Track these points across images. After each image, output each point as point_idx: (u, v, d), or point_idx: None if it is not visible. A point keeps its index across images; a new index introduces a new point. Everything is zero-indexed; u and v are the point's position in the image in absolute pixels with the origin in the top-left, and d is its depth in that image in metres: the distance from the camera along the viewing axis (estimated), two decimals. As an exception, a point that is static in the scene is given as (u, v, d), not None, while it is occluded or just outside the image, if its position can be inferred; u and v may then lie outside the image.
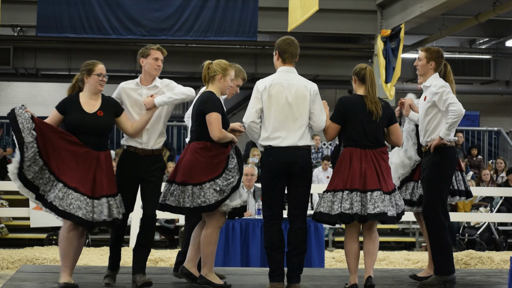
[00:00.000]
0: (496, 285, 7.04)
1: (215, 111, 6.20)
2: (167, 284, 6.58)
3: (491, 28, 18.78)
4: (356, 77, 6.45)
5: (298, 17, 13.13)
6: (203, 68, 6.43)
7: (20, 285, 6.38)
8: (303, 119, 6.19)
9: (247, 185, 10.17)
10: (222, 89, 6.41)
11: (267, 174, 6.20)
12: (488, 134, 18.12)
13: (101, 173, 6.24)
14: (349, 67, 18.72)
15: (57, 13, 15.01)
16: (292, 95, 6.18)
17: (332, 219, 6.22)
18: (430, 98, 6.61)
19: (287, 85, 6.21)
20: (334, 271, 8.10)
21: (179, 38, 15.78)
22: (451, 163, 6.64)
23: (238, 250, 9.06)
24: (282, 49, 6.35)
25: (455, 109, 6.46)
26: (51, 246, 12.64)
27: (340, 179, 6.23)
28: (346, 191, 6.17)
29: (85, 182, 6.13)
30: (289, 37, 6.47)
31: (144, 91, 6.50)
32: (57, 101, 6.62)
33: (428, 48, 6.81)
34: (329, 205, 6.21)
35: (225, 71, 6.40)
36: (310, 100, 6.22)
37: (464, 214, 13.88)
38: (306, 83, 6.29)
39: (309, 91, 6.23)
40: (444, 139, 6.52)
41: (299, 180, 6.18)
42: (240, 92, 24.45)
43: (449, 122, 6.49)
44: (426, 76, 6.74)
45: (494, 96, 22.69)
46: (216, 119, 6.19)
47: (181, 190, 6.22)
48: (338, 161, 6.31)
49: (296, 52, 6.36)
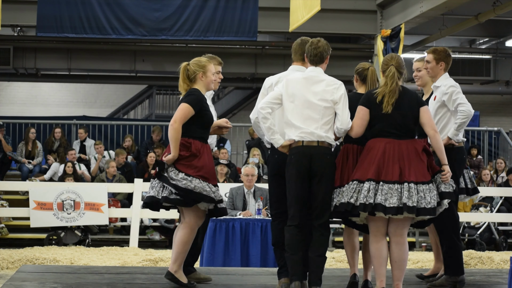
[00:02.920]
0: (496, 285, 7.04)
1: (187, 102, 6.17)
2: (167, 284, 6.57)
3: (491, 28, 18.78)
4: (357, 76, 6.42)
5: (300, 17, 13.14)
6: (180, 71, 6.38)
7: (20, 285, 6.38)
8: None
9: (247, 185, 10.16)
10: (206, 85, 6.40)
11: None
12: (488, 134, 18.12)
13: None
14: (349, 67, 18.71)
15: (57, 13, 15.01)
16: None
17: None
18: (439, 98, 6.61)
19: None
20: (334, 271, 8.10)
21: (179, 38, 15.78)
22: (459, 163, 6.63)
23: (238, 250, 9.06)
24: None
25: (464, 110, 6.47)
26: (51, 246, 12.65)
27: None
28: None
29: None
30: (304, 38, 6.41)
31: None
32: (57, 101, 6.61)
33: (435, 49, 6.80)
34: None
35: (204, 68, 6.38)
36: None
37: (464, 214, 13.88)
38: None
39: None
40: (452, 139, 6.52)
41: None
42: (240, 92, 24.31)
43: (458, 123, 6.49)
44: (437, 77, 6.74)
45: (494, 96, 22.69)
46: (182, 109, 6.15)
47: (161, 184, 6.19)
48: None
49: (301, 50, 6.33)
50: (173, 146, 6.13)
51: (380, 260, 5.96)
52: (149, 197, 6.28)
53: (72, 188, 13.03)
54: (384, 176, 5.87)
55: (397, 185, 5.84)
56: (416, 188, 5.86)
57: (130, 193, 13.51)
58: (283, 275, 6.16)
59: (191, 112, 6.16)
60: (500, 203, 14.29)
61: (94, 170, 15.23)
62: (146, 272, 7.39)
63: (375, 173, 5.88)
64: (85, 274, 7.02)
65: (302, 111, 5.95)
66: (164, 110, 22.76)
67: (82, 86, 22.74)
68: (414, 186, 5.85)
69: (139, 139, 17.31)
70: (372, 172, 5.88)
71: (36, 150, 15.77)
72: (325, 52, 6.12)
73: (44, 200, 12.82)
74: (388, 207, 5.80)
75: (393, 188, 5.84)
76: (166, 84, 21.32)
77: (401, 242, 6.00)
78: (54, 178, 14.93)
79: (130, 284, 6.55)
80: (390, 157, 5.91)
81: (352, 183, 5.93)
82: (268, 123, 5.95)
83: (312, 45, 6.13)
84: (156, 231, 14.25)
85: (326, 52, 6.13)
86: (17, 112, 21.35)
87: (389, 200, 5.81)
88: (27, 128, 16.04)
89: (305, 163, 5.89)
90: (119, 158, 15.13)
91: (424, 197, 5.87)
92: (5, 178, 15.82)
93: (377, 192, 5.84)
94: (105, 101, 23.27)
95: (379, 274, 5.98)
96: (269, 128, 5.96)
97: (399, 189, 5.84)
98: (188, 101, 6.19)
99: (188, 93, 6.29)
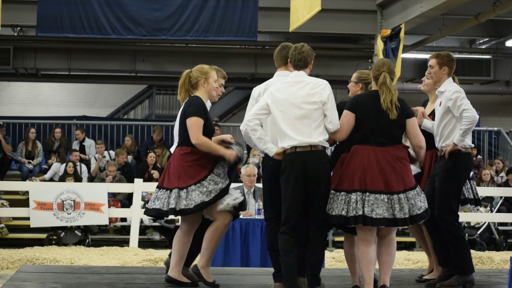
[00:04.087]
0: (496, 285, 7.05)
1: (195, 115, 6.19)
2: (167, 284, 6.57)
3: (491, 28, 18.77)
4: (363, 85, 6.41)
5: (300, 17, 13.13)
6: (181, 79, 6.39)
7: (20, 285, 6.38)
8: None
9: (248, 186, 10.17)
10: (208, 92, 6.41)
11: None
12: (488, 134, 18.11)
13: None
14: (349, 67, 18.82)
15: (57, 13, 15.00)
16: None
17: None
18: (444, 104, 6.62)
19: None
20: (334, 271, 8.11)
21: (179, 38, 15.78)
22: (465, 169, 6.65)
23: (238, 250, 9.06)
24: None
25: (468, 116, 6.47)
26: (51, 246, 12.65)
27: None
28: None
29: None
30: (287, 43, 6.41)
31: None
32: (57, 101, 6.63)
33: (438, 54, 6.80)
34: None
35: (206, 74, 6.39)
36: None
37: (464, 214, 13.87)
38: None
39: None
40: (458, 145, 6.54)
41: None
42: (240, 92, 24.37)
43: (463, 129, 6.50)
44: (441, 81, 6.75)
45: (494, 96, 22.69)
46: (194, 123, 6.18)
47: (168, 194, 6.21)
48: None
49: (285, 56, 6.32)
50: (215, 149, 6.21)
51: (368, 264, 5.99)
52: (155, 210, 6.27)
53: (72, 188, 13.03)
54: (370, 186, 5.91)
55: (383, 195, 5.89)
56: (406, 196, 5.92)
57: (130, 193, 13.51)
58: (279, 279, 6.19)
59: (202, 122, 6.20)
60: (500, 203, 14.30)
61: (94, 170, 15.23)
62: (146, 272, 7.39)
63: (359, 182, 5.92)
64: (85, 274, 7.02)
65: (292, 118, 5.95)
66: (164, 110, 22.77)
67: (82, 86, 22.74)
68: (404, 196, 5.91)
69: (139, 139, 17.31)
70: (357, 182, 5.92)
71: (36, 150, 15.77)
72: (309, 57, 6.12)
73: (44, 200, 12.82)
74: (376, 218, 5.85)
75: (379, 198, 5.89)
76: (166, 84, 21.32)
77: (389, 238, 6.10)
78: (54, 178, 14.93)
79: (130, 284, 6.55)
80: (374, 166, 5.94)
81: (341, 194, 5.97)
82: (257, 134, 5.96)
83: (296, 50, 6.11)
84: (156, 231, 14.25)
85: (310, 57, 6.12)
86: (17, 112, 21.35)
87: (375, 210, 5.86)
88: (27, 128, 16.05)
89: (300, 169, 5.91)
90: (119, 158, 15.13)
91: (415, 204, 5.94)
92: (5, 178, 15.82)
93: (364, 203, 5.89)
94: (105, 101, 23.27)
95: (366, 277, 6.01)
96: (259, 139, 5.97)
97: (386, 200, 5.89)
98: (194, 113, 6.19)
99: (190, 103, 6.27)
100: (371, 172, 5.92)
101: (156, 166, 15.05)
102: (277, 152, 5.99)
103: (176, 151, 6.33)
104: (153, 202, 6.30)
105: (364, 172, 5.93)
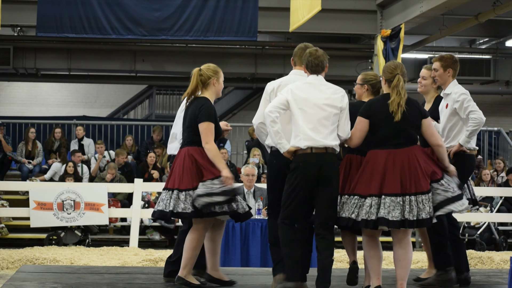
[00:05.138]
0: (496, 285, 7.05)
1: (207, 120, 6.20)
2: (167, 284, 6.57)
3: (491, 28, 18.76)
4: (369, 86, 6.42)
5: (300, 17, 13.13)
6: (192, 77, 6.35)
7: (20, 285, 6.38)
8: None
9: (247, 185, 10.17)
10: (216, 92, 6.41)
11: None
12: (488, 134, 18.11)
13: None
14: (349, 67, 18.78)
15: (57, 13, 15.00)
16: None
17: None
18: (451, 106, 6.66)
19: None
20: (334, 271, 8.06)
21: (179, 38, 15.77)
22: (467, 171, 6.70)
23: (238, 250, 9.06)
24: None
25: (475, 117, 6.51)
26: (51, 246, 12.65)
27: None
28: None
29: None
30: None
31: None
32: (57, 101, 6.64)
33: (442, 57, 6.83)
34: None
35: (217, 74, 6.40)
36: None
37: (464, 214, 13.84)
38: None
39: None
40: (463, 146, 6.57)
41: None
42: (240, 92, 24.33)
43: (469, 130, 6.54)
44: (446, 84, 6.78)
45: (494, 96, 22.67)
46: (206, 128, 6.19)
47: (169, 195, 6.22)
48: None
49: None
50: (218, 161, 6.18)
51: (376, 260, 6.06)
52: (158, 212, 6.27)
53: (72, 188, 13.03)
54: (386, 189, 5.93)
55: (399, 198, 5.91)
56: (416, 199, 5.93)
57: (130, 193, 13.51)
58: (279, 271, 6.18)
59: (213, 126, 6.22)
60: (500, 203, 14.29)
61: (94, 170, 15.23)
62: (146, 272, 7.39)
63: (376, 187, 5.94)
64: (85, 274, 7.02)
65: (313, 118, 5.95)
66: (164, 110, 22.76)
67: (82, 86, 22.73)
68: (414, 198, 5.92)
69: (139, 139, 17.31)
70: (373, 187, 5.94)
71: (36, 150, 15.77)
72: (325, 60, 6.20)
73: (44, 200, 12.81)
74: (392, 220, 5.87)
75: (395, 201, 5.91)
76: (166, 84, 21.32)
77: (405, 241, 6.08)
78: (54, 178, 14.93)
79: (130, 284, 6.55)
80: (391, 169, 5.96)
81: (353, 198, 5.99)
82: (276, 127, 5.93)
83: (311, 56, 6.15)
84: (156, 231, 14.25)
85: (325, 60, 6.21)
86: (17, 112, 21.35)
87: (392, 213, 5.88)
88: (27, 128, 16.05)
89: (314, 171, 5.91)
90: (119, 158, 15.13)
91: (423, 208, 5.95)
92: (5, 178, 15.82)
93: (380, 206, 5.90)
94: (105, 101, 23.26)
95: (375, 273, 6.03)
96: (277, 132, 5.94)
97: (401, 202, 5.91)
98: (207, 118, 6.19)
99: (201, 107, 6.24)
100: (388, 177, 5.95)
101: (156, 166, 15.05)
102: (289, 150, 5.97)
103: (182, 151, 6.31)
104: (158, 204, 6.33)
105: (381, 178, 5.95)
